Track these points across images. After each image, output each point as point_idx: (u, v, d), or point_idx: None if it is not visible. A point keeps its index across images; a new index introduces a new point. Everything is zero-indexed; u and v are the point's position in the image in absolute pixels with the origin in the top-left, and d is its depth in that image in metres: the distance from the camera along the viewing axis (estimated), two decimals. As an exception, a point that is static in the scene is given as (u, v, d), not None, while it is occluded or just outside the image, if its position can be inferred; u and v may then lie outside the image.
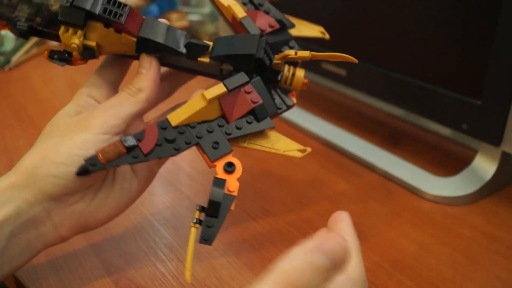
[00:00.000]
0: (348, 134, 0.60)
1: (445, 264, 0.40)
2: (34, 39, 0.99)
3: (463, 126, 0.47)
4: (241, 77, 0.35)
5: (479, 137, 0.47)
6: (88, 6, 0.33)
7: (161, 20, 0.37)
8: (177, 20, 1.02)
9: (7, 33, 0.97)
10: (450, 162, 0.56)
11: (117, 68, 0.38)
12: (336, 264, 0.23)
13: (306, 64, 0.39)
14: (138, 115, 0.36)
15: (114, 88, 0.38)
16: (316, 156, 0.57)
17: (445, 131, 0.62)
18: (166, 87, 0.40)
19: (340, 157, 0.57)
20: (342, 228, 0.30)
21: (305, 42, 0.42)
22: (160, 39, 0.35)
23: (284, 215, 0.46)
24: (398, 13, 0.52)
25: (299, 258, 0.22)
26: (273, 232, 0.44)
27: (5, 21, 0.35)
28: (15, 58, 0.91)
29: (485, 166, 0.49)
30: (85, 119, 0.34)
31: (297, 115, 0.65)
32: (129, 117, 0.35)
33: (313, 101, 0.73)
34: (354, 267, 0.27)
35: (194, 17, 1.03)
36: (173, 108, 0.40)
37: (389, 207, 0.48)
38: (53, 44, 1.00)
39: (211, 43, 0.37)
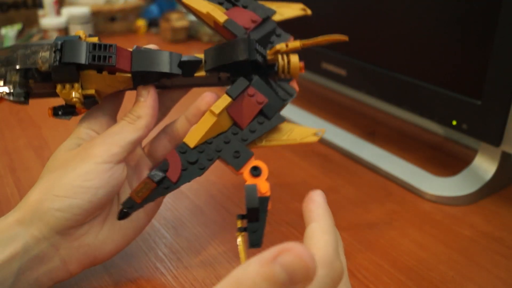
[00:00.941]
0: (348, 134, 0.60)
1: (445, 264, 0.40)
2: (34, 39, 0.99)
3: (463, 126, 0.47)
4: (242, 82, 0.35)
5: (479, 137, 0.47)
6: (77, 59, 0.33)
7: (151, 46, 0.37)
8: (177, 20, 1.02)
9: (7, 33, 0.97)
10: (450, 162, 0.56)
11: (113, 99, 0.38)
12: (293, 280, 0.20)
13: (307, 65, 0.39)
14: (138, 142, 0.36)
15: (112, 118, 0.38)
16: (316, 156, 0.57)
17: (445, 131, 0.62)
18: (161, 108, 0.39)
19: (340, 157, 0.57)
20: (311, 209, 0.28)
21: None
22: (154, 67, 0.35)
23: (284, 215, 0.46)
24: (398, 13, 0.52)
25: (253, 267, 0.20)
26: (273, 232, 0.44)
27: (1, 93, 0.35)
28: (15, 58, 0.91)
29: (485, 166, 0.49)
30: (85, 150, 0.34)
31: (297, 115, 0.65)
32: (130, 144, 0.35)
33: (313, 101, 0.73)
34: (320, 277, 0.24)
35: (194, 17, 1.03)
36: (164, 130, 0.40)
37: (389, 207, 0.48)
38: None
39: (202, 56, 0.37)
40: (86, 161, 0.33)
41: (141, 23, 1.10)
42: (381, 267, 0.40)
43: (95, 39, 0.35)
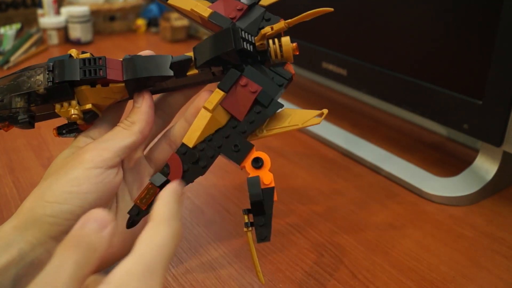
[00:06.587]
0: (349, 134, 0.60)
1: (446, 264, 0.40)
2: (33, 38, 0.99)
3: (464, 126, 0.47)
4: (233, 74, 0.35)
5: (480, 137, 0.46)
6: (67, 77, 0.34)
7: (146, 52, 0.37)
8: (177, 20, 1.02)
9: (6, 32, 0.96)
10: (451, 162, 0.55)
11: (114, 107, 0.38)
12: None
13: (307, 64, 0.39)
14: (133, 148, 0.36)
15: (112, 126, 0.38)
16: (316, 156, 0.57)
17: (446, 131, 0.62)
18: (163, 115, 0.39)
19: (340, 157, 0.57)
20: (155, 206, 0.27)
21: (305, 39, 0.42)
22: (145, 73, 0.36)
23: (284, 215, 0.46)
24: (399, 13, 0.52)
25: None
26: (273, 232, 0.44)
27: (7, 121, 0.36)
28: (14, 57, 0.90)
29: (486, 166, 0.49)
30: (77, 155, 0.34)
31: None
32: (122, 149, 0.35)
33: (313, 101, 0.73)
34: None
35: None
36: (164, 134, 0.39)
37: (390, 207, 0.48)
38: (52, 43, 1.00)
39: (191, 54, 0.37)
40: (76, 166, 0.33)
41: (140, 22, 1.10)
42: (382, 268, 0.40)
43: (87, 55, 0.35)
